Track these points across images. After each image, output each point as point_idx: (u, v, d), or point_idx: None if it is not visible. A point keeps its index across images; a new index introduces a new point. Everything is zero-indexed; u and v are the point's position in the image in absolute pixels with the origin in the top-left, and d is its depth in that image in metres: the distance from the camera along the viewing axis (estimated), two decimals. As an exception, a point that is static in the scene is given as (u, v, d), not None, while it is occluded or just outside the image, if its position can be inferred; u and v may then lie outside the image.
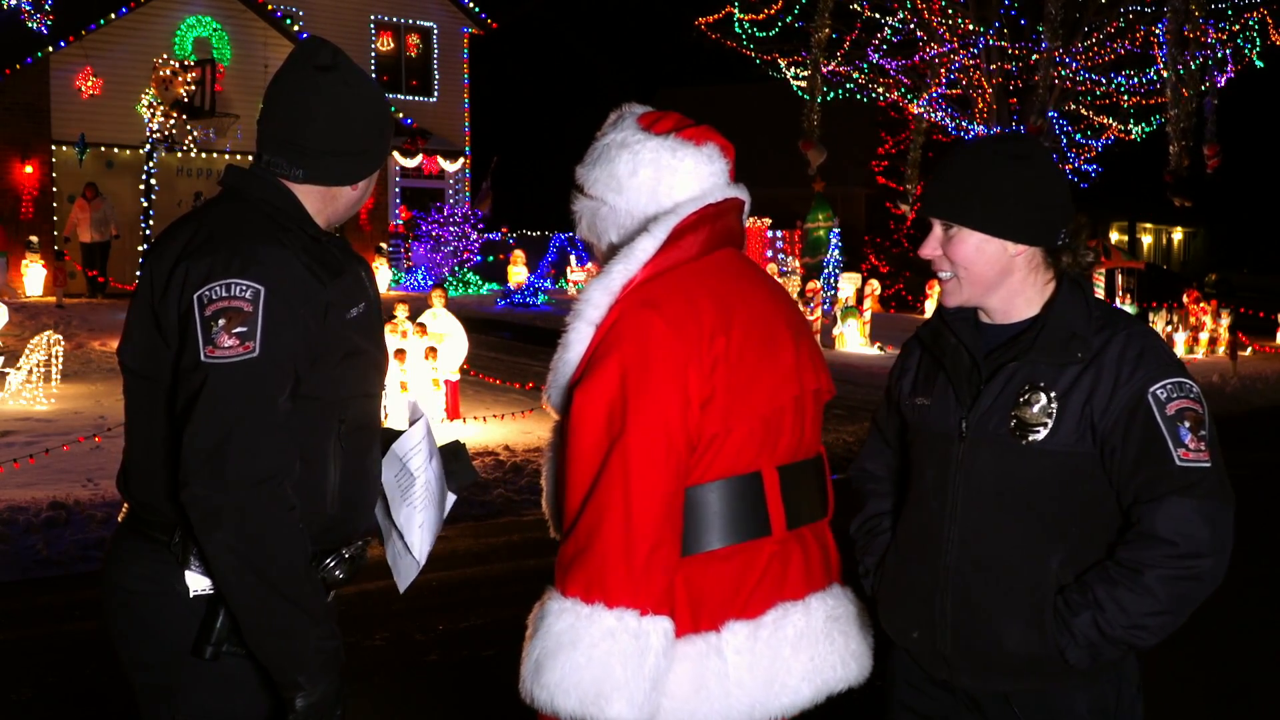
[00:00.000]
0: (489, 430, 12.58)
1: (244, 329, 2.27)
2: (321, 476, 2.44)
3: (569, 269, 26.43)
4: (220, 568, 2.24)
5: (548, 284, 25.64)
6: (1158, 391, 2.38)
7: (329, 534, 2.48)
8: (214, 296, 2.28)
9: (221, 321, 2.27)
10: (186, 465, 2.24)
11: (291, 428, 2.31)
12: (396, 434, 2.68)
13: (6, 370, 12.80)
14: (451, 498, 2.79)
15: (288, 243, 2.39)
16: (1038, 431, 2.41)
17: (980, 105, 24.97)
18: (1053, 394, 2.42)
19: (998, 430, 2.44)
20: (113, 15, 22.27)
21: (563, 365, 2.50)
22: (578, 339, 2.48)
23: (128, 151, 22.90)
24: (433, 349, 13.01)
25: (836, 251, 23.20)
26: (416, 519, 2.62)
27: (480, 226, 26.83)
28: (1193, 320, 23.20)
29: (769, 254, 26.20)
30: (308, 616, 2.29)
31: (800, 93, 24.19)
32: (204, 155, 23.77)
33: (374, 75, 26.90)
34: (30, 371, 12.69)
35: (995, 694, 2.49)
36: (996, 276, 2.49)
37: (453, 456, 2.83)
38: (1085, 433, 2.40)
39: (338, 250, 2.55)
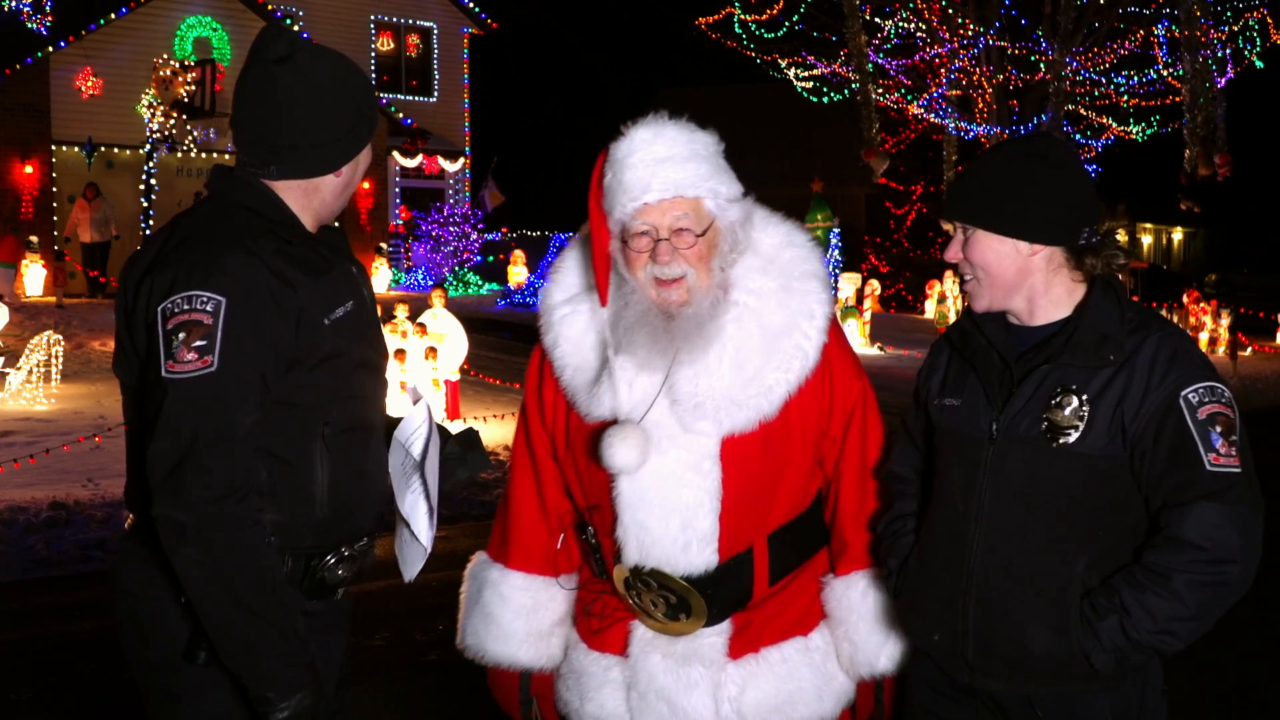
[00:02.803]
0: (489, 430, 12.57)
1: (203, 342, 2.24)
2: (308, 481, 2.42)
3: (569, 269, 26.36)
4: (188, 584, 2.24)
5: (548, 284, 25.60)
6: (1189, 395, 2.37)
7: (323, 536, 2.47)
8: (175, 310, 2.26)
9: (182, 335, 2.25)
10: (151, 483, 2.24)
11: (257, 438, 2.29)
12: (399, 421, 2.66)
13: (6, 370, 12.80)
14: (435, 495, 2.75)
15: (259, 248, 2.35)
16: (1069, 434, 2.40)
17: (980, 105, 24.97)
18: (1085, 397, 2.40)
19: (1029, 433, 2.43)
20: (113, 15, 22.27)
21: (782, 383, 2.59)
22: (814, 352, 2.63)
23: (128, 151, 22.90)
24: (433, 349, 13.01)
25: (836, 251, 23.18)
26: (421, 505, 2.59)
27: (480, 226, 26.83)
28: (1193, 320, 23.17)
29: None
30: (276, 631, 2.27)
31: (809, 97, 24.15)
32: (204, 155, 23.77)
33: (374, 75, 26.91)
34: (30, 371, 12.69)
35: (1018, 696, 2.48)
36: (1015, 278, 2.47)
37: (467, 444, 2.81)
38: (1116, 436, 2.39)
39: (325, 248, 2.51)
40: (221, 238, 2.35)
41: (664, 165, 2.53)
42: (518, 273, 24.66)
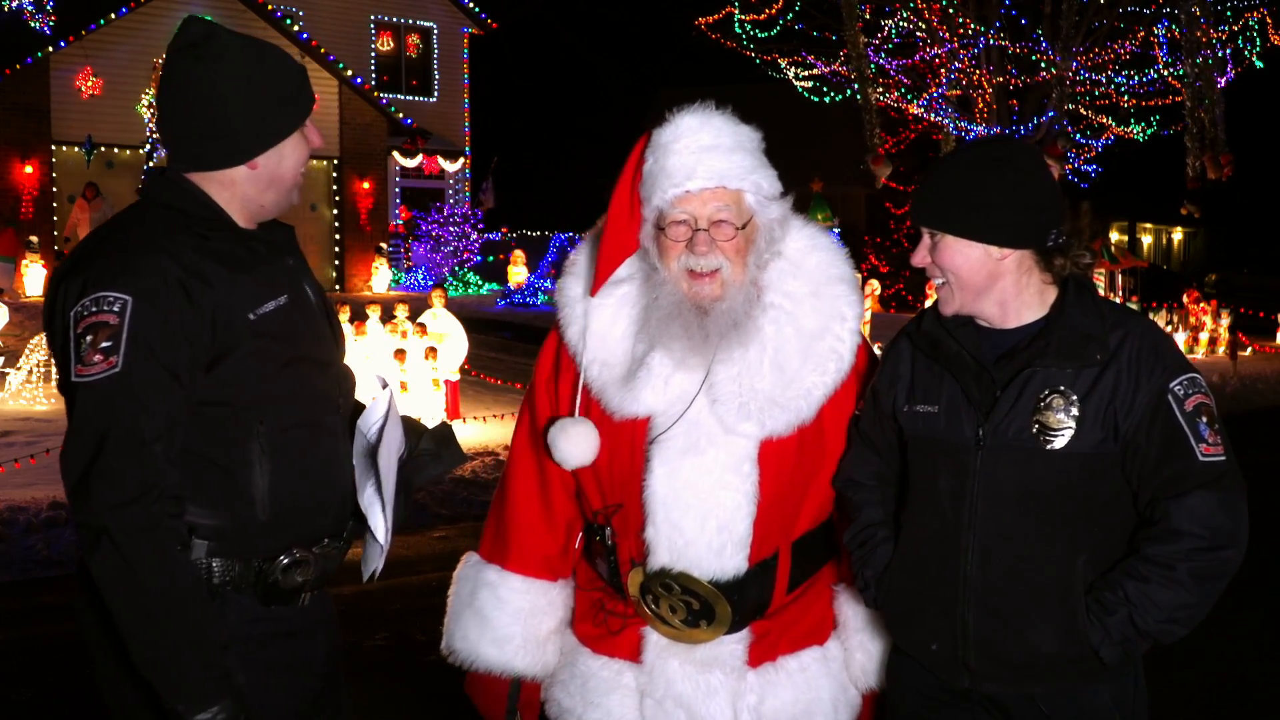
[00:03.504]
0: (489, 430, 12.57)
1: (109, 344, 2.20)
2: (246, 483, 2.35)
3: (569, 269, 26.35)
4: (102, 590, 2.21)
5: (548, 284, 25.60)
6: (1175, 388, 2.40)
7: (271, 538, 2.39)
8: (85, 313, 2.23)
9: (89, 338, 2.22)
10: (65, 490, 2.22)
11: (179, 439, 2.23)
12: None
13: (6, 370, 12.81)
14: (388, 493, 2.60)
15: (173, 245, 2.29)
16: (1062, 435, 2.40)
17: (980, 105, 24.97)
18: (1074, 397, 2.40)
19: (1019, 436, 2.43)
20: (113, 15, 22.27)
21: (820, 386, 2.56)
22: (849, 354, 2.60)
23: (128, 151, 22.90)
24: (433, 349, 13.00)
25: (836, 251, 23.14)
26: (378, 501, 2.50)
27: (480, 226, 26.83)
28: (1193, 320, 23.17)
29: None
30: (187, 640, 2.21)
31: (810, 97, 24.07)
32: (204, 155, 23.74)
33: (374, 75, 26.90)
34: (30, 371, 12.70)
35: (1020, 696, 2.48)
36: (985, 282, 2.47)
37: (441, 440, 2.73)
38: (1109, 434, 2.40)
39: (259, 243, 2.44)
40: (135, 238, 2.32)
41: (709, 154, 2.49)
42: (518, 273, 24.66)
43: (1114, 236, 42.74)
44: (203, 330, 2.28)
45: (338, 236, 25.26)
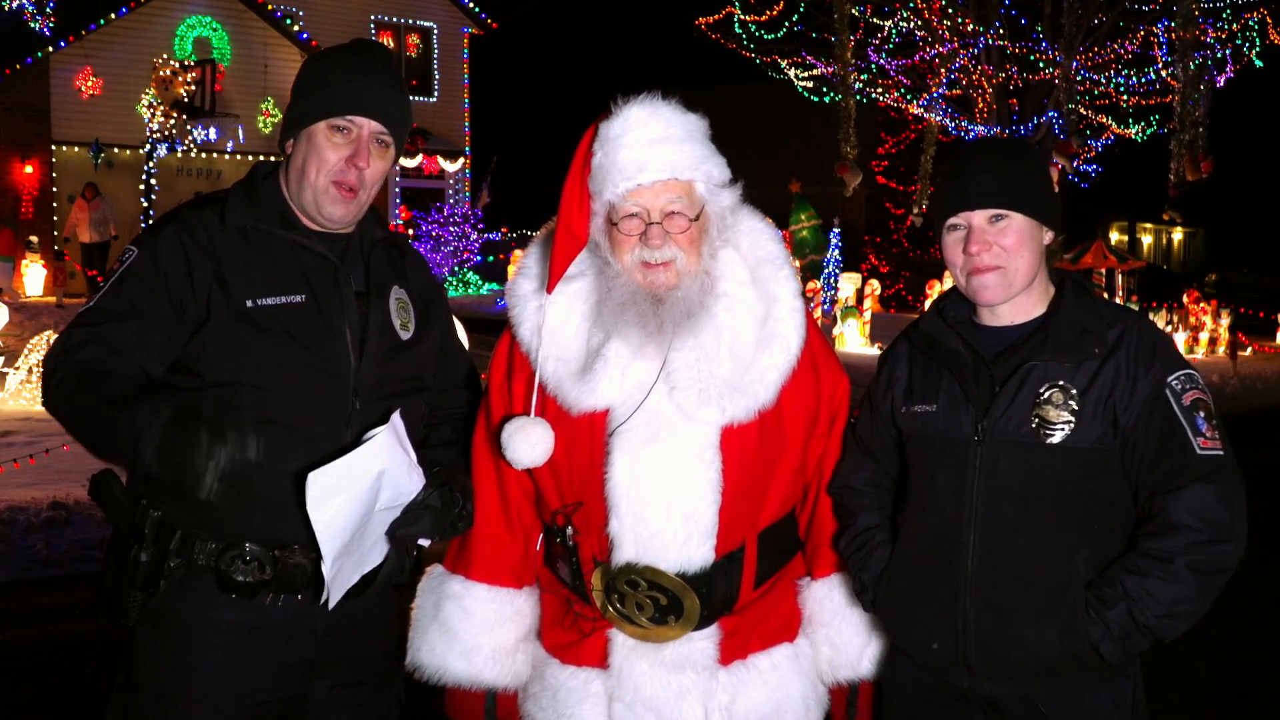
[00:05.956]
0: (489, 430, 12.55)
1: (104, 283, 2.51)
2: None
3: (569, 269, 26.36)
4: (62, 425, 2.50)
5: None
6: (1173, 383, 2.42)
7: (213, 521, 2.40)
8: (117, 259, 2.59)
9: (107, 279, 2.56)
10: None
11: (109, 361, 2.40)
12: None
13: (6, 370, 12.80)
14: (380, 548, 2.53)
15: (197, 216, 2.50)
16: (1061, 429, 2.41)
17: (980, 105, 24.97)
18: (1073, 391, 2.42)
19: (1019, 431, 2.43)
20: (113, 15, 22.28)
21: (773, 369, 2.53)
22: (793, 335, 2.56)
23: (128, 151, 22.90)
24: (433, 349, 12.98)
25: (837, 251, 23.16)
26: (329, 549, 2.37)
27: (480, 226, 26.83)
28: (1193, 320, 23.15)
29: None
30: (97, 401, 2.34)
31: (810, 97, 24.08)
32: (204, 155, 23.76)
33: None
34: (30, 371, 12.69)
35: (1018, 697, 2.48)
36: (1037, 265, 2.52)
37: (446, 500, 2.54)
38: (1108, 428, 2.41)
39: (313, 241, 2.52)
40: (173, 209, 2.59)
41: (660, 145, 2.45)
42: (518, 273, 24.67)
43: (1114, 236, 42.75)
44: (192, 295, 2.43)
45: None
